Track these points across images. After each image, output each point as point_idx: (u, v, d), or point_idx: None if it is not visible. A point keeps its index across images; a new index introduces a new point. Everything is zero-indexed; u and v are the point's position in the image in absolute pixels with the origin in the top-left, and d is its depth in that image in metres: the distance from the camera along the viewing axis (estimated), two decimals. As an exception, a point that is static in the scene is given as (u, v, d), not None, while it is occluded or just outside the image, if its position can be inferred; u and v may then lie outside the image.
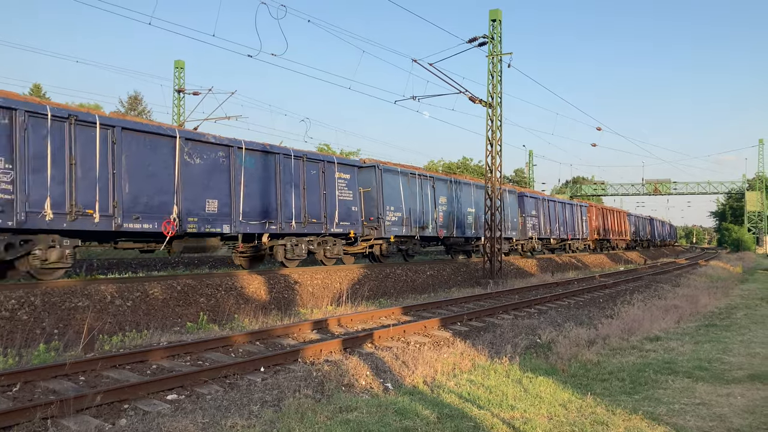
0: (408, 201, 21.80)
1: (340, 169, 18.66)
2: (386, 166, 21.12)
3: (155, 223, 13.25)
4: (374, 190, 20.35)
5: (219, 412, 6.20)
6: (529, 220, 31.49)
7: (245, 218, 15.46)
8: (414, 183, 22.42)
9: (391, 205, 20.91)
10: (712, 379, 7.83)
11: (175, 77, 35.87)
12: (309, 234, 17.85)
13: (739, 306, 15.99)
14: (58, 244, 12.02)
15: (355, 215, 19.17)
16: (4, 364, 8.33)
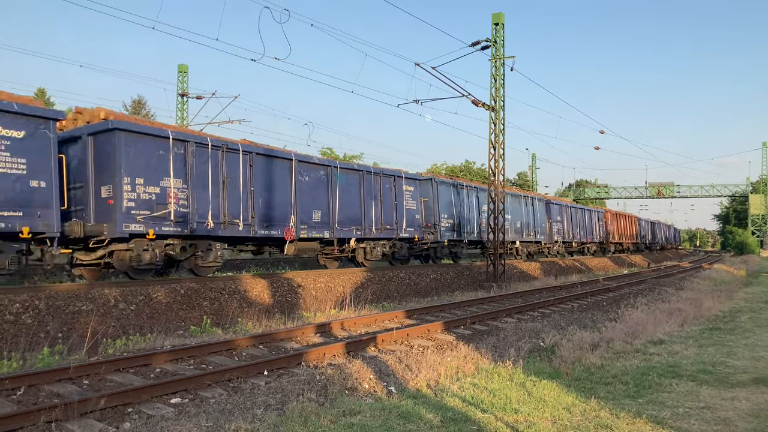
0: (458, 209, 24.94)
1: (406, 183, 21.77)
2: (440, 179, 24.52)
3: (279, 230, 16.40)
4: (431, 200, 23.27)
5: (223, 415, 6.20)
6: (555, 225, 34.99)
7: (340, 225, 18.55)
8: (462, 193, 25.52)
9: (445, 213, 23.93)
10: (716, 382, 7.81)
11: (179, 81, 35.96)
12: (383, 238, 20.78)
13: (743, 309, 15.94)
14: (213, 247, 15.10)
15: (417, 222, 22.21)
16: (8, 367, 8.36)
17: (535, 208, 32.14)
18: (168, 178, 13.63)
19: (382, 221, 20.33)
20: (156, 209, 13.36)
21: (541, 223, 33.15)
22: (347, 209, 18.91)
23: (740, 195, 78.67)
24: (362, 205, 19.51)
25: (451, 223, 24.32)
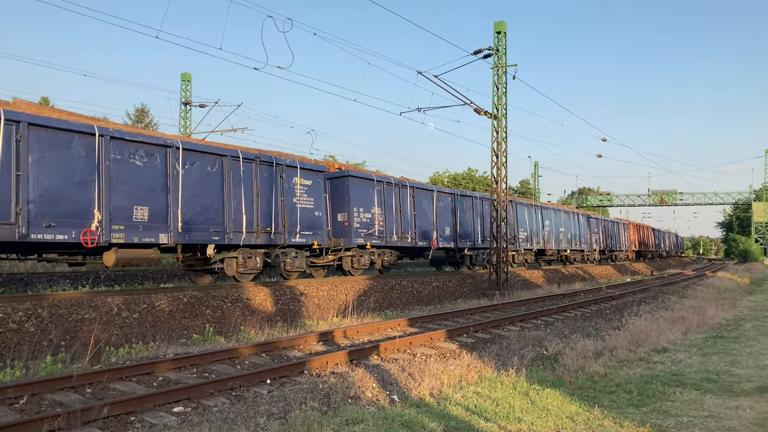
0: (531, 225, 31.00)
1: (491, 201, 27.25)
2: (519, 201, 31.27)
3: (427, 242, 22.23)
4: (512, 217, 28.16)
5: (225, 424, 6.19)
6: (593, 236, 41.43)
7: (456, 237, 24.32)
8: (531, 211, 31.33)
9: (522, 228, 29.79)
10: (720, 391, 7.78)
11: (182, 90, 36.10)
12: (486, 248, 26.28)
13: (747, 317, 15.89)
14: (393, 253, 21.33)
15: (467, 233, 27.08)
16: (11, 376, 8.36)
17: (579, 222, 38.80)
18: (374, 207, 19.64)
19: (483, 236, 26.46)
20: (369, 228, 19.29)
21: (584, 234, 39.45)
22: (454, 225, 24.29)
23: (743, 203, 78.50)
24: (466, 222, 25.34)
25: (525, 235, 30.23)
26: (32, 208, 11.10)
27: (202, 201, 14.13)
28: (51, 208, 11.38)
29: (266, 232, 15.65)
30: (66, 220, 11.56)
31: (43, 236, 11.22)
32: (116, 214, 12.35)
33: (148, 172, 13.06)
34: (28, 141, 11.11)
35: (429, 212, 22.44)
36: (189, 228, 13.74)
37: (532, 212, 31.40)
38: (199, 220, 14.03)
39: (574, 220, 37.77)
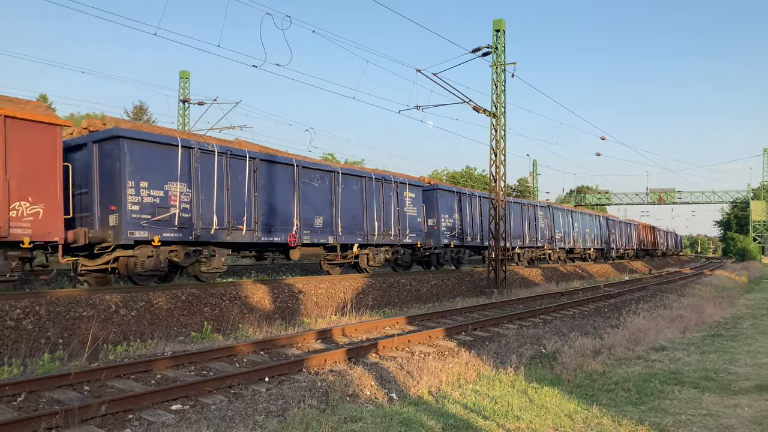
0: (564, 227, 36.20)
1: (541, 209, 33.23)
2: (555, 206, 36.08)
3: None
4: (550, 220, 34.04)
5: (224, 422, 6.19)
6: (612, 236, 46.78)
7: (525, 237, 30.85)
8: (565, 214, 37.09)
9: (558, 230, 35.02)
10: (718, 389, 7.79)
11: (180, 87, 36.03)
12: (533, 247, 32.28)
13: (745, 316, 15.91)
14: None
15: (544, 235, 33.34)
16: (9, 373, 8.34)
17: (600, 224, 44.36)
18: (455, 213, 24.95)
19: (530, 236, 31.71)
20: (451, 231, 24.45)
21: (604, 234, 44.87)
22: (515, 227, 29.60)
23: (741, 201, 78.59)
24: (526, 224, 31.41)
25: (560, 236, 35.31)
26: (262, 219, 15.84)
27: (351, 211, 18.98)
28: (271, 219, 16.16)
29: (387, 235, 20.60)
30: (279, 227, 16.40)
31: (267, 238, 15.98)
32: (305, 222, 17.22)
33: (322, 191, 17.93)
34: (258, 172, 15.80)
35: (478, 215, 26.67)
36: (344, 232, 18.60)
37: (566, 216, 36.96)
38: (350, 226, 18.86)
39: (596, 222, 43.56)
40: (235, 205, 15.04)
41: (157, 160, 13.50)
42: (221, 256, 15.21)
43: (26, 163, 11.29)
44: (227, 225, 14.81)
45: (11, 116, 11.12)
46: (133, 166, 12.98)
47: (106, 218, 12.89)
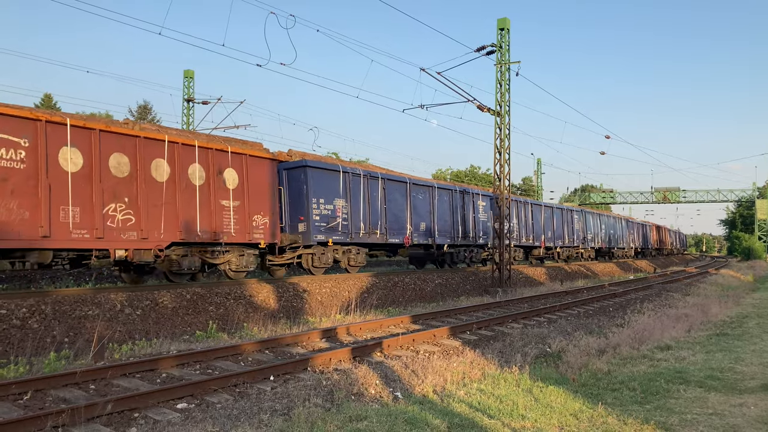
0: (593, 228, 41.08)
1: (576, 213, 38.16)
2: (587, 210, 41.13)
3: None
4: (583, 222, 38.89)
5: (229, 420, 6.20)
6: (631, 236, 51.91)
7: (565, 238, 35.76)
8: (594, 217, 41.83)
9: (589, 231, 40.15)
10: (724, 388, 7.76)
11: (185, 86, 36.06)
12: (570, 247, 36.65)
13: (750, 315, 15.85)
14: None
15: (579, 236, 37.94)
16: (15, 372, 8.37)
17: (622, 225, 49.47)
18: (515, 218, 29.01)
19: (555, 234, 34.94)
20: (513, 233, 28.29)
21: (625, 235, 49.94)
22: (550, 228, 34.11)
23: (747, 200, 78.22)
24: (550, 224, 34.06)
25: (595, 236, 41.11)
26: (388, 225, 20.37)
27: (443, 218, 23.44)
28: (393, 224, 20.67)
29: (467, 237, 24.94)
30: (398, 231, 20.86)
31: (391, 240, 20.53)
32: (414, 227, 21.67)
33: (424, 202, 22.49)
34: (386, 189, 20.44)
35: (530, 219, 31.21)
36: (439, 234, 22.99)
37: (595, 218, 42.06)
38: (442, 230, 23.28)
39: (619, 224, 48.59)
40: (372, 214, 19.75)
41: (328, 182, 18.01)
42: (362, 253, 19.86)
43: (258, 187, 15.76)
44: (368, 230, 19.46)
45: (248, 154, 15.60)
46: (314, 187, 17.45)
47: (296, 225, 17.41)
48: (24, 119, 11.24)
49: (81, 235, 11.95)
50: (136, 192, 12.93)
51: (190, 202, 14.03)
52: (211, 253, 14.84)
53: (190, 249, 14.37)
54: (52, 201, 11.49)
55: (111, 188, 12.52)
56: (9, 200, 10.90)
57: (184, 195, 13.90)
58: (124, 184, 12.78)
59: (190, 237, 13.96)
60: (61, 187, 11.66)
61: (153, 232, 13.20)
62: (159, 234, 13.32)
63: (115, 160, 12.66)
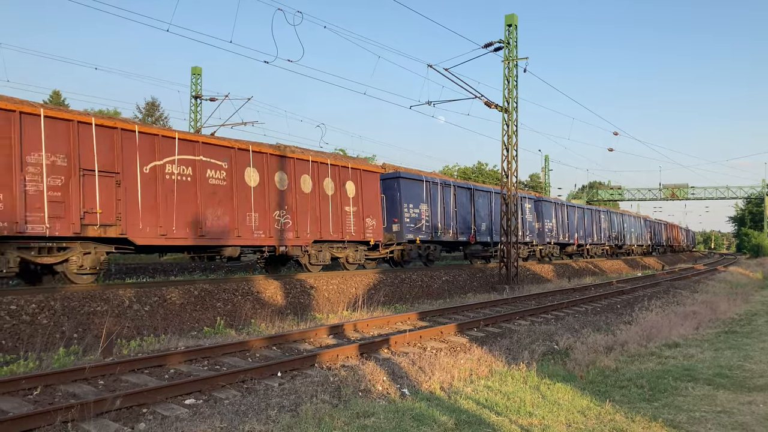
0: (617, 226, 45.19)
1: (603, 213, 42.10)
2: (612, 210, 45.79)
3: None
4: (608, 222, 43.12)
5: (237, 416, 6.22)
6: (647, 234, 55.70)
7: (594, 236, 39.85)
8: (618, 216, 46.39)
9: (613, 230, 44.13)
10: (733, 386, 7.73)
11: (192, 83, 36.13)
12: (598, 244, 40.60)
13: (759, 312, 15.77)
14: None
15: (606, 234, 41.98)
16: (25, 367, 8.43)
17: (641, 224, 53.85)
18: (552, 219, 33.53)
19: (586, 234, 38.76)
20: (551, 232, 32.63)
21: (644, 233, 54.14)
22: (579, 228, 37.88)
23: (756, 197, 77.70)
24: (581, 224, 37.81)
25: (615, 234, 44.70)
26: (458, 226, 24.19)
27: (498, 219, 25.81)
28: (461, 225, 24.35)
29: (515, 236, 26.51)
30: (465, 230, 24.56)
31: (459, 238, 24.18)
32: (477, 227, 25.47)
33: (484, 205, 26.36)
34: (456, 194, 24.39)
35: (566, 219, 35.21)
36: (494, 234, 26.35)
37: (619, 217, 46.36)
38: (497, 230, 25.86)
39: (638, 222, 52.38)
40: (446, 216, 23.29)
41: (414, 189, 21.87)
42: (438, 249, 23.74)
43: (369, 195, 19.37)
44: (443, 230, 23.04)
45: (362, 169, 19.26)
46: (405, 194, 21.25)
47: (390, 227, 21.01)
48: (224, 147, 14.85)
49: (259, 235, 15.55)
50: (292, 201, 16.57)
51: (325, 209, 17.76)
52: (337, 249, 18.57)
53: (323, 245, 18.01)
54: (241, 209, 15.05)
55: (276, 199, 16.09)
56: (217, 208, 14.51)
57: (321, 203, 17.62)
58: (284, 195, 16.38)
59: (324, 236, 17.64)
60: (246, 198, 15.25)
61: (302, 232, 16.90)
62: (306, 234, 17.01)
63: (278, 176, 16.26)
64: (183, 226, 13.72)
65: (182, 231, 13.70)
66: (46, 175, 11.50)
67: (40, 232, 11.38)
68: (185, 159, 13.92)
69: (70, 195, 11.78)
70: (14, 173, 11.07)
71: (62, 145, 11.81)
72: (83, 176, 12.05)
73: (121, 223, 12.55)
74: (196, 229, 13.99)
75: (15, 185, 11.07)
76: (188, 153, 14.01)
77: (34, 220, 11.30)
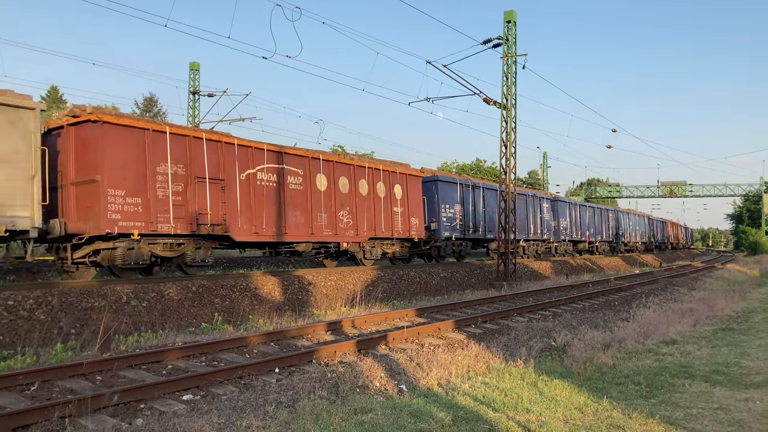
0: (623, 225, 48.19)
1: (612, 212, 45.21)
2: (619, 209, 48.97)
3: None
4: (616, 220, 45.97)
5: (234, 412, 6.22)
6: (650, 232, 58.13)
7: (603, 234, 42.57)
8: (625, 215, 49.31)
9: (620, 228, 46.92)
10: (730, 383, 7.75)
11: (191, 79, 36.03)
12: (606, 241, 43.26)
13: (757, 310, 15.80)
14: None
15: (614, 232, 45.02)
16: (22, 363, 8.43)
17: (645, 222, 56.26)
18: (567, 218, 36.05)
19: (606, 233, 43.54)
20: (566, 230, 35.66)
21: (647, 231, 56.74)
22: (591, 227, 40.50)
23: (754, 194, 77.76)
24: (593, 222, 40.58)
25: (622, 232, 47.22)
26: (486, 225, 26.30)
27: (521, 218, 27.92)
28: (489, 224, 26.50)
29: (536, 233, 30.82)
30: (491, 229, 26.41)
31: (487, 236, 26.22)
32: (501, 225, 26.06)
33: (521, 207, 28.04)
34: (485, 196, 26.48)
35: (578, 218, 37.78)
36: (518, 231, 26.43)
37: (625, 216, 49.15)
38: (520, 228, 27.99)
39: (641, 221, 55.04)
40: (476, 216, 25.45)
41: (450, 192, 24.03)
42: (468, 246, 25.55)
43: (413, 197, 21.73)
44: (474, 228, 25.16)
45: (408, 174, 21.67)
46: (442, 196, 23.40)
47: (429, 225, 23.07)
48: (300, 156, 17.16)
49: (327, 233, 17.78)
50: (352, 203, 18.79)
51: (378, 209, 19.99)
52: (387, 245, 21.04)
53: (376, 242, 20.40)
54: (313, 210, 17.31)
55: (340, 201, 18.32)
56: (295, 210, 16.74)
57: (375, 204, 19.86)
58: (346, 198, 18.59)
59: (378, 234, 19.97)
60: (317, 200, 17.50)
61: (360, 230, 19.09)
62: (363, 231, 19.27)
63: (342, 182, 18.50)
64: (270, 225, 15.94)
65: (269, 229, 15.92)
66: (171, 182, 13.70)
67: (167, 231, 13.57)
68: (271, 167, 16.23)
69: (187, 199, 14.01)
70: (148, 181, 13.25)
71: (181, 156, 13.96)
72: (197, 183, 14.25)
73: (225, 223, 14.79)
74: (279, 228, 16.23)
75: (149, 191, 13.26)
76: (274, 162, 16.34)
77: (163, 220, 13.50)
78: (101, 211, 12.43)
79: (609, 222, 43.79)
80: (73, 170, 12.90)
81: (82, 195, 12.77)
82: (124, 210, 12.78)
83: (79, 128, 12.91)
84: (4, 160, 11.31)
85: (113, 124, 12.85)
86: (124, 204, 12.82)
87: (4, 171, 11.29)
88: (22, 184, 11.49)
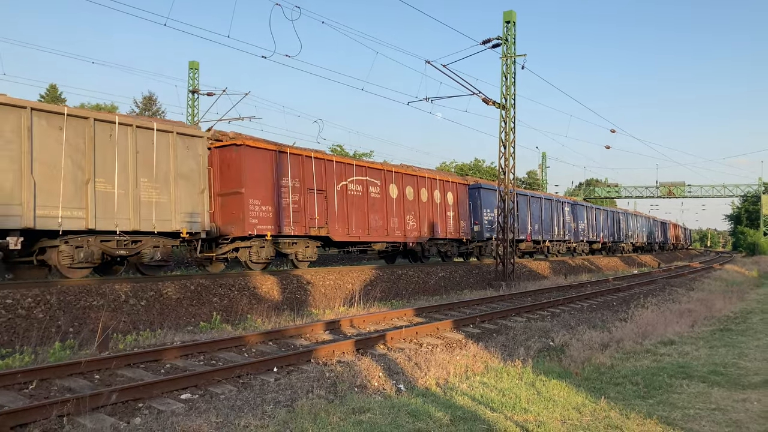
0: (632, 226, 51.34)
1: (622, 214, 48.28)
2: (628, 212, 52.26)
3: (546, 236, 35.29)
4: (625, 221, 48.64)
5: (233, 411, 6.22)
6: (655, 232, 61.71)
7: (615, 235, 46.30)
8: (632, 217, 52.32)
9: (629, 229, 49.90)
10: (727, 384, 7.76)
11: (190, 78, 36.00)
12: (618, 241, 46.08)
13: (755, 310, 15.82)
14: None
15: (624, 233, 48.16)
16: (20, 361, 8.42)
17: (650, 223, 59.78)
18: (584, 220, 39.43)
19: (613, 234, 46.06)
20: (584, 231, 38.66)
21: (652, 232, 60.06)
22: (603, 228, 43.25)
23: (752, 195, 77.81)
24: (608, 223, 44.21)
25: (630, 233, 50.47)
26: (518, 226, 26.95)
27: (546, 221, 32.16)
28: (521, 226, 28.35)
29: (559, 234, 33.71)
30: (522, 231, 28.32)
31: (520, 237, 28.52)
32: (533, 228, 30.58)
33: (536, 209, 31.16)
34: (517, 200, 26.70)
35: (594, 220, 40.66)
36: (544, 233, 31.65)
37: (633, 218, 52.23)
38: (546, 230, 32.25)
39: (647, 222, 58.36)
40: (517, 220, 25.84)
41: (490, 197, 26.51)
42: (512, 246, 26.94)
43: (462, 202, 25.11)
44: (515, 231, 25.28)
45: (458, 182, 25.28)
46: (484, 201, 26.09)
47: (472, 227, 25.82)
48: (378, 170, 20.54)
49: (397, 234, 21.00)
50: (415, 209, 22.07)
51: (435, 214, 23.14)
52: (441, 245, 24.00)
53: (433, 242, 23.38)
54: (388, 215, 20.53)
55: (407, 207, 21.57)
56: (375, 215, 20.03)
57: (433, 209, 23.04)
58: (411, 204, 21.89)
59: (435, 235, 23.02)
60: (390, 207, 20.76)
61: (422, 232, 22.38)
62: (424, 233, 22.53)
63: (407, 190, 21.80)
64: (357, 227, 19.11)
65: (357, 231, 19.09)
66: (291, 193, 16.78)
67: (289, 232, 16.68)
68: (358, 179, 19.42)
69: (302, 207, 17.10)
70: (275, 193, 16.32)
71: (297, 172, 17.14)
72: (308, 193, 17.36)
73: (327, 226, 17.88)
74: (364, 230, 19.44)
75: (276, 201, 16.33)
76: (360, 175, 19.53)
77: (286, 224, 16.55)
78: (245, 217, 15.37)
79: (620, 224, 47.20)
80: (218, 184, 15.79)
81: (227, 204, 15.71)
82: (260, 216, 15.75)
83: (223, 150, 15.85)
84: (184, 177, 14.40)
85: (251, 146, 15.81)
86: (260, 211, 15.80)
87: (185, 187, 14.41)
88: (196, 197, 14.69)
